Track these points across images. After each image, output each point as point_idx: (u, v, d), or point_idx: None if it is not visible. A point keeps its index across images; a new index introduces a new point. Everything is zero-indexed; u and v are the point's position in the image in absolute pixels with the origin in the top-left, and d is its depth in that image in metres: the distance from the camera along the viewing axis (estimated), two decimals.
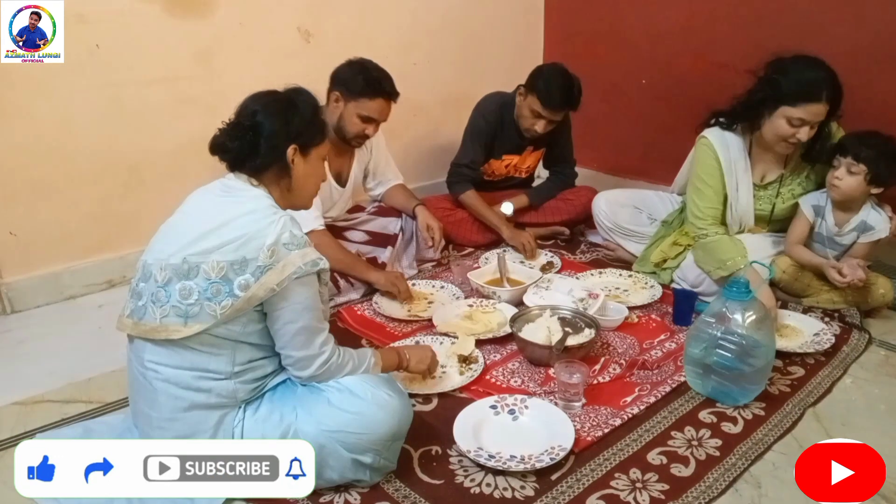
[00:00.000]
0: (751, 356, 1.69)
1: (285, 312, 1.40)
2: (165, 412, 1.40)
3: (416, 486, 1.49)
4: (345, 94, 2.27)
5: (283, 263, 1.37)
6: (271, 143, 1.45)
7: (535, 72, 2.63)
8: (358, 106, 2.26)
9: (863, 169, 2.09)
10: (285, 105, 1.49)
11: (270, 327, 1.43)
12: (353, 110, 2.27)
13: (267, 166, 1.47)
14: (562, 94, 2.55)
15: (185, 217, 1.48)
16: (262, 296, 1.36)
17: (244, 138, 1.44)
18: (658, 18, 3.12)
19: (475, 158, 2.79)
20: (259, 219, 1.39)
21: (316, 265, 1.41)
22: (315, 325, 1.44)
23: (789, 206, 2.31)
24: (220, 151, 1.47)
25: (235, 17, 2.59)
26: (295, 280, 1.38)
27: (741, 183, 2.26)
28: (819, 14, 2.61)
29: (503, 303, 2.25)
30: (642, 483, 1.50)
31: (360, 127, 2.29)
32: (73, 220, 2.43)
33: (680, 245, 2.42)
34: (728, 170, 2.24)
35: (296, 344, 1.43)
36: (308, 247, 1.42)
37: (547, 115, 2.59)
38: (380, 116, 2.31)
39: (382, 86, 2.27)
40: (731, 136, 2.24)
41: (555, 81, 2.55)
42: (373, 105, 2.27)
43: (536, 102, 2.57)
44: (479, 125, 2.76)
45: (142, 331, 1.39)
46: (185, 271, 1.37)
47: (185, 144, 2.54)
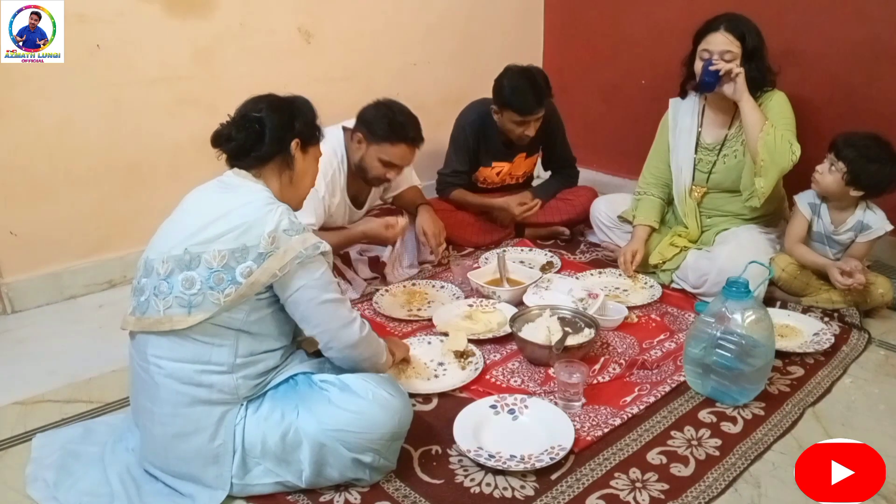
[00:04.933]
0: (750, 356, 1.69)
1: (306, 292, 1.42)
2: (167, 408, 1.41)
3: (416, 486, 1.49)
4: (367, 136, 2.23)
5: (283, 249, 1.39)
6: (277, 134, 1.49)
7: (497, 87, 2.60)
8: (380, 150, 2.23)
9: (842, 168, 2.10)
10: (288, 104, 1.55)
11: (295, 314, 1.46)
12: (374, 154, 2.24)
13: (271, 156, 1.51)
14: (532, 93, 2.53)
15: (185, 214, 1.49)
16: (264, 281, 1.38)
17: (251, 128, 1.48)
18: (658, 18, 3.12)
19: (458, 168, 2.79)
20: (258, 208, 1.42)
21: (317, 248, 1.44)
22: (338, 296, 1.49)
23: (732, 167, 2.36)
24: (224, 142, 1.50)
25: (235, 17, 2.59)
26: (299, 264, 1.40)
27: (681, 140, 2.44)
28: (819, 14, 2.61)
29: (503, 303, 2.25)
30: (642, 483, 1.50)
31: (381, 171, 2.26)
32: (73, 220, 2.43)
33: (676, 246, 2.42)
34: (673, 129, 2.47)
35: (331, 316, 1.46)
36: (307, 232, 1.45)
37: (529, 118, 2.58)
38: (401, 162, 2.27)
39: (406, 131, 2.22)
40: (686, 102, 2.45)
41: (520, 87, 2.53)
42: (395, 151, 2.23)
43: (514, 115, 2.56)
44: (461, 135, 2.76)
45: (145, 325, 1.40)
46: (187, 261, 1.38)
47: (185, 144, 2.54)
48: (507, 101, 2.55)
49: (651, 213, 2.51)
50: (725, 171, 2.37)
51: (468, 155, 2.77)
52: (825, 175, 2.16)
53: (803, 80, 2.63)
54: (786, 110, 2.26)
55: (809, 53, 2.64)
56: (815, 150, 2.24)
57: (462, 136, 2.76)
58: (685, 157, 2.44)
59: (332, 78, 2.85)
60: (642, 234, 2.48)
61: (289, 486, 1.46)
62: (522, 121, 2.58)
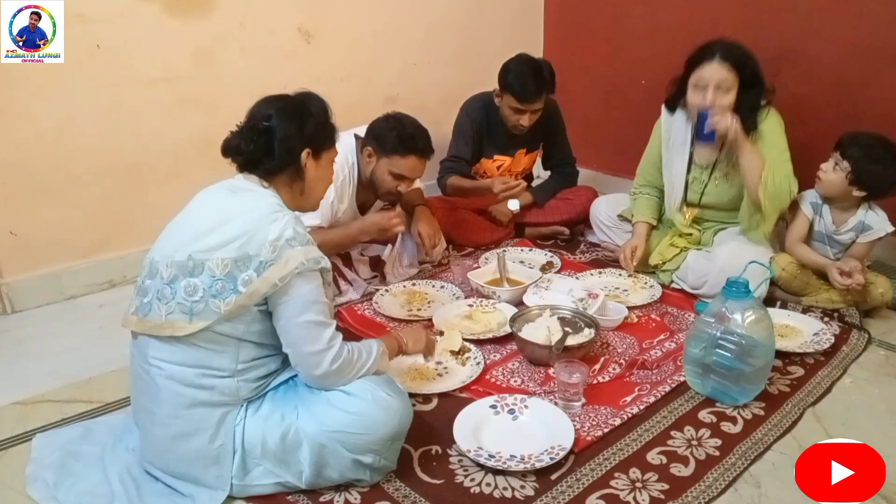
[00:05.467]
0: (750, 356, 1.69)
1: (289, 307, 1.39)
2: (168, 409, 1.40)
3: (416, 486, 1.49)
4: (377, 149, 2.23)
5: (285, 259, 1.37)
6: (286, 147, 1.46)
7: (503, 70, 2.62)
8: (390, 163, 2.22)
9: (847, 167, 2.10)
10: (299, 109, 1.50)
11: (276, 325, 1.42)
12: (384, 167, 2.23)
13: (281, 169, 1.49)
14: (534, 82, 2.55)
15: (191, 215, 1.48)
16: (263, 291, 1.36)
17: (259, 141, 1.45)
18: (658, 18, 3.12)
19: (459, 154, 2.80)
20: (263, 216, 1.40)
21: (318, 263, 1.42)
22: (321, 319, 1.42)
23: (724, 191, 2.35)
24: (234, 154, 1.48)
25: (235, 17, 2.59)
26: (297, 275, 1.38)
27: (675, 156, 2.41)
28: (819, 14, 2.61)
29: (503, 303, 2.25)
30: (642, 483, 1.50)
31: (392, 184, 2.25)
32: (73, 220, 2.43)
33: (676, 247, 2.42)
34: (666, 142, 2.43)
35: (303, 339, 1.40)
36: (311, 245, 1.43)
37: (526, 107, 2.59)
38: (412, 174, 2.26)
39: (416, 143, 2.21)
40: (677, 115, 2.39)
41: (522, 73, 2.55)
42: (405, 163, 2.22)
43: (512, 100, 2.58)
44: (464, 122, 2.78)
45: (147, 327, 1.40)
46: (191, 268, 1.37)
47: (185, 144, 2.54)
48: (508, 84, 2.57)
49: (648, 210, 2.52)
50: (717, 194, 2.37)
51: (471, 141, 2.78)
52: (829, 173, 2.16)
53: (803, 81, 2.63)
54: (779, 138, 2.22)
55: (810, 53, 2.64)
56: (815, 150, 2.25)
57: (466, 122, 2.77)
58: (678, 175, 2.42)
59: (332, 78, 2.85)
60: (642, 230, 2.49)
61: (289, 487, 1.46)
62: (520, 108, 2.59)
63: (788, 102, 2.36)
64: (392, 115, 2.28)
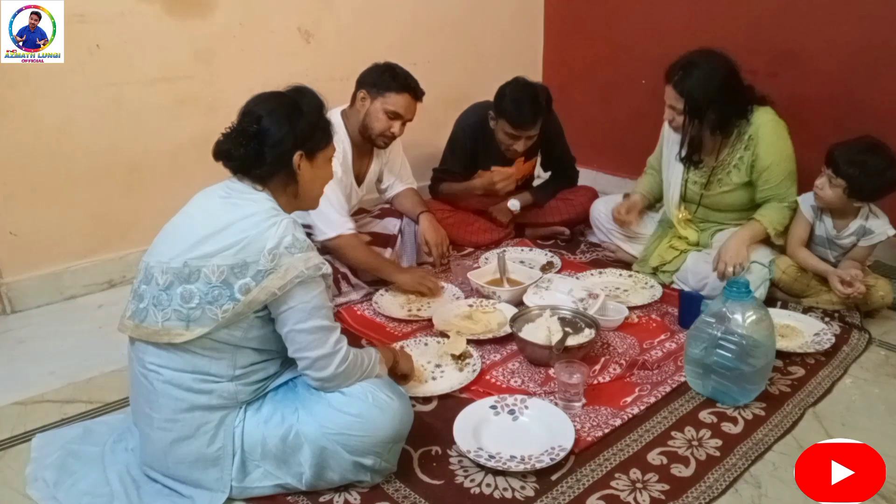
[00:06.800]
0: (751, 356, 1.68)
1: (294, 314, 1.38)
2: (166, 413, 1.40)
3: (416, 487, 1.49)
4: (371, 91, 2.29)
5: (285, 268, 1.35)
6: (277, 152, 1.42)
7: (499, 94, 2.60)
8: (385, 101, 2.27)
9: (841, 183, 2.09)
10: (290, 109, 1.45)
11: (281, 331, 1.41)
12: (379, 106, 2.28)
13: (273, 174, 1.45)
14: (530, 109, 2.53)
15: (187, 219, 1.46)
16: (263, 299, 1.35)
17: (249, 146, 1.41)
18: (658, 18, 3.12)
19: (451, 169, 2.80)
20: (259, 222, 1.37)
21: (319, 269, 1.40)
22: (327, 323, 1.42)
23: (718, 199, 2.37)
24: (225, 158, 1.45)
25: (235, 17, 2.59)
26: (299, 283, 1.36)
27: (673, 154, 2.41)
28: (820, 14, 2.61)
29: (503, 303, 2.25)
30: (642, 483, 1.50)
31: (386, 124, 2.29)
32: (73, 220, 2.43)
33: (676, 249, 2.42)
34: (668, 139, 2.45)
35: (311, 344, 1.39)
36: (311, 251, 1.40)
37: (521, 133, 2.58)
38: (406, 113, 2.31)
39: (409, 81, 2.30)
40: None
41: (519, 99, 2.53)
42: (399, 100, 2.27)
43: (507, 125, 2.56)
44: (459, 137, 2.78)
45: (143, 333, 1.39)
46: (187, 275, 1.36)
47: (185, 144, 2.54)
48: (504, 110, 2.55)
49: (646, 187, 2.60)
50: (715, 196, 2.37)
51: (464, 157, 2.77)
52: (825, 189, 2.13)
53: (803, 81, 2.63)
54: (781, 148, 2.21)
55: (809, 54, 2.64)
56: (815, 151, 2.24)
57: (461, 137, 2.76)
58: (674, 174, 2.43)
59: (332, 78, 2.84)
60: (636, 198, 2.58)
61: (288, 489, 1.45)
62: (514, 134, 2.58)
63: (788, 102, 2.36)
64: (381, 63, 2.35)
